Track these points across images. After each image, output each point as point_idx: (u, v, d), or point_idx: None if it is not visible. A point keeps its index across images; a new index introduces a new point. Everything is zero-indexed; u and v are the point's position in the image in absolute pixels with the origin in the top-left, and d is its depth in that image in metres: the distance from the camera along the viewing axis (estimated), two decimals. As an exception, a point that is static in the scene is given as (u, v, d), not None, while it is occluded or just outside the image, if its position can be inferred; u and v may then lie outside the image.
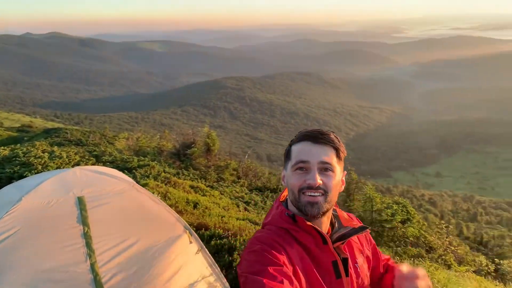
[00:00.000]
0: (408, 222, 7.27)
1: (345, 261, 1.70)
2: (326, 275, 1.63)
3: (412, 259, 5.94)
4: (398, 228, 7.07)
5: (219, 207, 6.16)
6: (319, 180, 1.60)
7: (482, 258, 7.95)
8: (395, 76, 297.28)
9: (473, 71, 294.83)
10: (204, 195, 7.38)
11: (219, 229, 4.48)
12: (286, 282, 1.41)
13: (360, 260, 1.80)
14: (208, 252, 3.35)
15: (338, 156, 1.69)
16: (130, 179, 3.54)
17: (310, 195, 1.60)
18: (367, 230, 1.80)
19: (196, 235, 3.28)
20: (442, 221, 11.05)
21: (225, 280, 3.37)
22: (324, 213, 1.64)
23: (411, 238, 7.12)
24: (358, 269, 1.76)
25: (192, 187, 7.83)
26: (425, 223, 9.79)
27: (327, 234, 1.69)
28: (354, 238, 1.79)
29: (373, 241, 1.97)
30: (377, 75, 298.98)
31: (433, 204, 68.18)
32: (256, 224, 5.22)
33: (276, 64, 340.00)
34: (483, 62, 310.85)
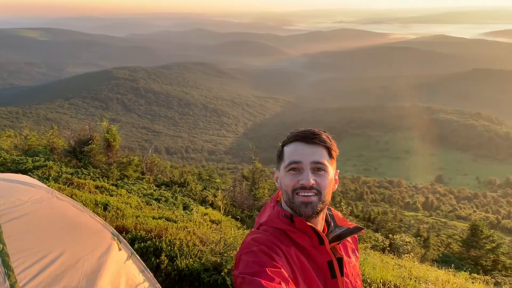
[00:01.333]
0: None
1: (340, 261, 1.71)
2: (322, 275, 1.64)
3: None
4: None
5: (131, 207, 5.92)
6: (312, 180, 1.61)
7: (378, 235, 8.76)
8: (287, 67, 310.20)
9: (355, 61, 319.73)
10: (111, 195, 7.03)
11: (140, 231, 4.32)
12: (283, 284, 1.41)
13: (353, 259, 1.84)
14: (138, 258, 3.18)
15: (330, 155, 1.70)
16: (47, 187, 3.17)
17: (304, 195, 1.62)
18: (362, 230, 1.81)
19: (125, 240, 3.05)
20: (342, 202, 11.93)
21: (159, 285, 3.24)
22: (318, 213, 1.66)
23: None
24: (352, 269, 1.80)
25: (97, 187, 7.39)
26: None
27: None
28: (349, 237, 1.80)
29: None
30: (271, 66, 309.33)
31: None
32: (174, 221, 5.13)
33: (171, 54, 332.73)
34: (364, 53, 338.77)
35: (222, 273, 3.80)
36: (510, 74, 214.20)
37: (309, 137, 1.68)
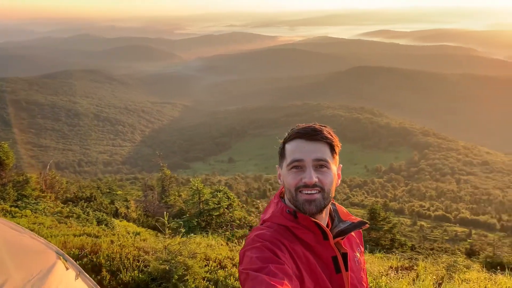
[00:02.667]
0: (231, 207, 8.01)
1: (344, 256, 1.71)
2: (327, 270, 1.64)
3: (241, 239, 6.60)
4: (226, 214, 7.72)
5: (45, 227, 5.53)
6: (315, 178, 1.61)
7: None
8: (181, 71, 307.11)
9: (249, 64, 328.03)
10: (14, 217, 6.46)
11: (73, 249, 4.09)
12: (286, 279, 1.42)
13: (358, 254, 1.84)
14: (87, 275, 3.02)
15: (332, 151, 1.70)
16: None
17: (307, 193, 1.61)
18: (366, 224, 1.81)
19: (72, 259, 2.84)
20: (258, 201, 12.32)
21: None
22: (322, 210, 1.65)
23: (237, 221, 7.87)
24: (357, 264, 1.80)
25: (-3, 210, 6.73)
26: (244, 205, 10.77)
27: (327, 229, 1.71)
28: (353, 232, 1.80)
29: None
30: (165, 71, 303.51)
31: (230, 187, 73.55)
32: (96, 237, 4.94)
33: (54, 62, 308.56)
34: (256, 56, 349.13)
35: (173, 280, 3.76)
36: (387, 71, 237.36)
37: (310, 134, 1.67)
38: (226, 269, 4.25)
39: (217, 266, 4.29)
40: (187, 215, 8.54)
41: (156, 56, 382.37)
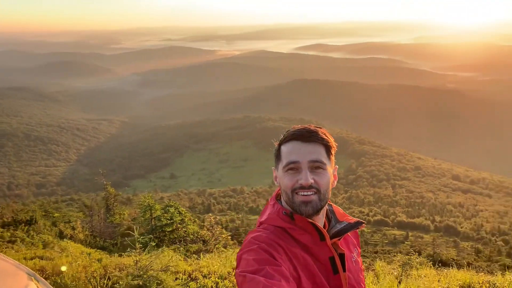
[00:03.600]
0: (184, 222, 7.97)
1: (341, 256, 1.71)
2: (324, 271, 1.64)
3: (195, 254, 6.60)
4: (179, 229, 7.66)
5: (-11, 253, 5.21)
6: (310, 180, 1.61)
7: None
8: (118, 86, 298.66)
9: (188, 78, 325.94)
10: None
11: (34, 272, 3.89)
12: (283, 281, 1.41)
13: (355, 254, 1.85)
14: None
15: (328, 152, 1.70)
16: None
17: (304, 195, 1.62)
18: (363, 224, 1.82)
19: (43, 279, 2.73)
20: (211, 215, 12.30)
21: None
22: (318, 211, 1.66)
23: (191, 236, 7.84)
24: (354, 264, 1.80)
25: None
26: (196, 219, 10.73)
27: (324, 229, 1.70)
28: (349, 232, 1.80)
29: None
30: (100, 87, 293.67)
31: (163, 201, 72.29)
32: (50, 259, 4.74)
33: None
34: (196, 70, 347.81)
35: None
36: (323, 83, 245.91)
37: (306, 135, 1.67)
38: (198, 281, 4.26)
39: (187, 279, 4.30)
40: (137, 233, 8.35)
41: (90, 72, 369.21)
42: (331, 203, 1.84)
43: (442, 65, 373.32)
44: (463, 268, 6.61)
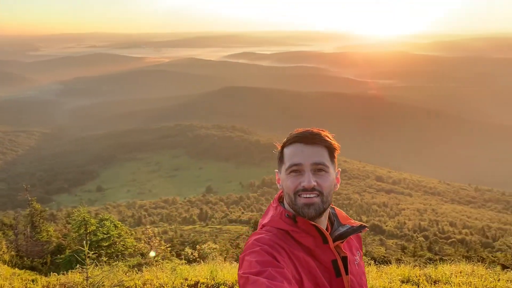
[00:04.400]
0: (121, 236, 7.66)
1: (344, 259, 1.71)
2: (327, 274, 1.64)
3: (135, 268, 6.40)
4: (117, 243, 7.34)
5: None
6: (313, 182, 1.62)
7: (187, 249, 9.30)
8: (38, 95, 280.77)
9: (115, 86, 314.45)
10: None
11: None
12: (286, 283, 1.42)
13: (358, 257, 1.84)
14: None
15: (331, 154, 1.71)
16: None
17: (306, 197, 1.62)
18: (366, 228, 1.81)
19: None
20: (149, 227, 11.92)
21: None
22: (321, 214, 1.66)
23: (129, 250, 7.54)
24: (357, 267, 1.80)
25: None
26: (133, 232, 10.38)
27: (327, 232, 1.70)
28: (352, 236, 1.80)
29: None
30: (17, 96, 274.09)
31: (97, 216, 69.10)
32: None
33: None
34: (123, 78, 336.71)
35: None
36: (253, 90, 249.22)
37: (309, 138, 1.68)
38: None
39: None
40: (68, 250, 7.86)
41: (5, 81, 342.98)
42: (333, 206, 1.84)
43: (363, 72, 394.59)
44: (393, 264, 7.09)
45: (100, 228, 7.20)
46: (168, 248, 9.20)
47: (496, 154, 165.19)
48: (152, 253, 8.15)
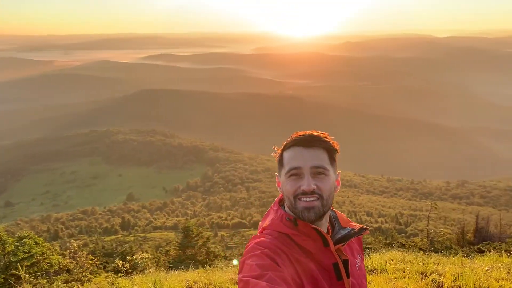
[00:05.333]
0: (45, 254, 6.92)
1: (345, 262, 1.70)
2: (328, 277, 1.64)
3: (66, 284, 5.84)
4: (41, 262, 6.62)
5: None
6: (313, 185, 1.61)
7: (118, 260, 8.74)
8: None
9: (21, 92, 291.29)
10: None
11: None
12: (286, 286, 1.42)
13: (359, 261, 1.84)
14: None
15: (330, 157, 1.70)
16: None
17: (306, 201, 1.62)
18: (367, 231, 1.81)
19: None
20: (74, 240, 10.96)
21: None
22: (321, 217, 1.65)
23: (55, 267, 6.87)
24: (358, 270, 1.79)
25: None
26: (57, 248, 9.49)
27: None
28: (353, 238, 1.79)
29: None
30: None
31: (13, 236, 63.58)
32: None
33: None
34: (31, 83, 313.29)
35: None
36: (172, 93, 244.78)
37: (308, 141, 1.67)
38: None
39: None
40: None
41: None
42: (334, 209, 1.84)
43: (281, 73, 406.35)
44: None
45: (20, 247, 6.44)
46: (97, 261, 8.58)
47: (405, 146, 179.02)
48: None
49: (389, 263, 5.80)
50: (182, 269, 8.19)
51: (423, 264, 5.67)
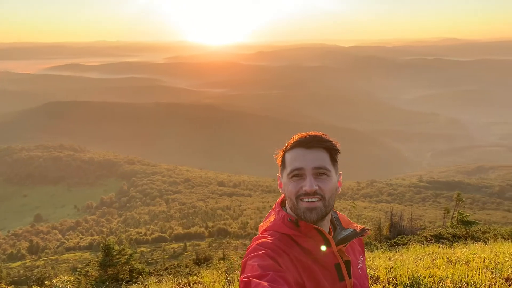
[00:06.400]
0: None
1: (347, 263, 1.72)
2: (330, 278, 1.65)
3: None
4: None
5: None
6: (315, 186, 1.62)
7: (35, 287, 8.07)
8: None
9: None
10: None
11: None
12: (287, 287, 1.43)
13: (361, 261, 1.86)
14: None
15: (332, 158, 1.71)
16: None
17: (308, 201, 1.63)
18: (368, 231, 1.82)
19: None
20: None
21: None
22: (323, 218, 1.67)
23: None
24: (359, 271, 1.81)
25: None
26: None
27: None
28: (354, 239, 1.81)
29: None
30: None
31: None
32: None
33: None
34: None
35: None
36: (81, 104, 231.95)
37: (309, 142, 1.68)
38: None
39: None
40: None
41: None
42: (336, 210, 1.86)
43: (196, 82, 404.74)
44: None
45: None
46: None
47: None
48: None
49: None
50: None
51: (385, 259, 5.78)
